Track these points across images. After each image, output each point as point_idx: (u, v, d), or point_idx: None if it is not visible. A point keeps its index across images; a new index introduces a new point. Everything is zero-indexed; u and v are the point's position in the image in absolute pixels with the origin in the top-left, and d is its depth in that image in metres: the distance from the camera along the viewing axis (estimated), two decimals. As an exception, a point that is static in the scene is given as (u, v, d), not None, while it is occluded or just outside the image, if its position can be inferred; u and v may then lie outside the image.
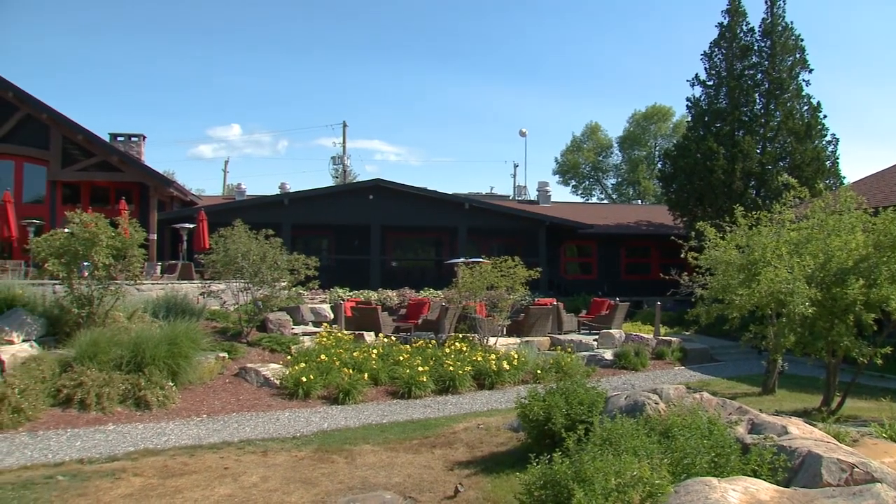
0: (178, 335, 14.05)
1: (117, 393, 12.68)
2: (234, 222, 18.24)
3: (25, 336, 14.57)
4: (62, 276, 15.21)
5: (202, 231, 25.39)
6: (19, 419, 11.54)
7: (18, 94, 28.72)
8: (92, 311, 15.28)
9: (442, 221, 32.03)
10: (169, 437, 11.35)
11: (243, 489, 8.75)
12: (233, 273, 17.63)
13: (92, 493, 8.59)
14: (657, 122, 65.83)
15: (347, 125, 58.60)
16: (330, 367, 14.96)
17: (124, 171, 28.71)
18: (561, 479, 6.37)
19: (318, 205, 31.13)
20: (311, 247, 32.77)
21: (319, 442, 11.17)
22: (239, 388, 14.33)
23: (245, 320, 17.50)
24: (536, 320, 20.95)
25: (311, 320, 20.02)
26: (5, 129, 29.18)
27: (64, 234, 15.45)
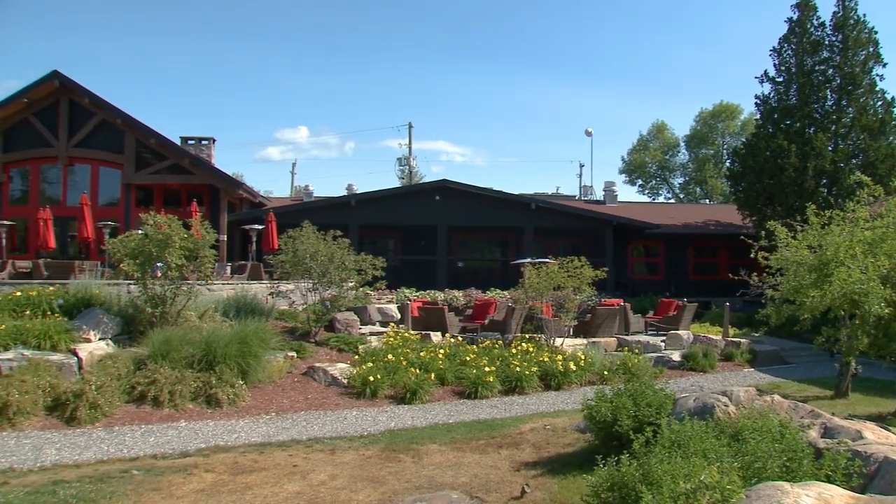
0: (248, 334, 14.27)
1: (189, 390, 12.96)
2: (303, 223, 18.44)
3: (102, 334, 14.95)
4: (137, 276, 15.56)
5: (271, 232, 25.74)
6: (96, 415, 11.87)
7: (94, 100, 29.50)
8: (165, 310, 15.60)
9: (508, 221, 31.99)
10: (239, 435, 11.55)
11: (311, 487, 8.86)
12: (301, 273, 17.84)
13: (165, 488, 8.79)
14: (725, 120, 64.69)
15: (413, 126, 58.91)
16: (397, 366, 15.05)
17: (195, 173, 29.25)
18: (628, 482, 6.33)
19: (384, 206, 31.33)
20: (377, 247, 32.99)
21: (386, 441, 11.26)
22: (307, 387, 14.50)
23: (313, 320, 17.69)
24: (603, 321, 20.81)
25: (378, 320, 20.16)
26: (82, 133, 30.02)
27: (138, 236, 15.80)
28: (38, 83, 29.68)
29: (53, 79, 29.56)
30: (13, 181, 31.50)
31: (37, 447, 10.56)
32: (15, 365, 12.69)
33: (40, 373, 12.46)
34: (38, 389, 11.99)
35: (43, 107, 30.34)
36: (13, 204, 31.10)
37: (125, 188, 30.35)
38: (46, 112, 30.40)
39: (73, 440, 10.98)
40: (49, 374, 12.58)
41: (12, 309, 15.73)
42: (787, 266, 13.91)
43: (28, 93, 29.68)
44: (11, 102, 29.83)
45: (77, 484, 8.90)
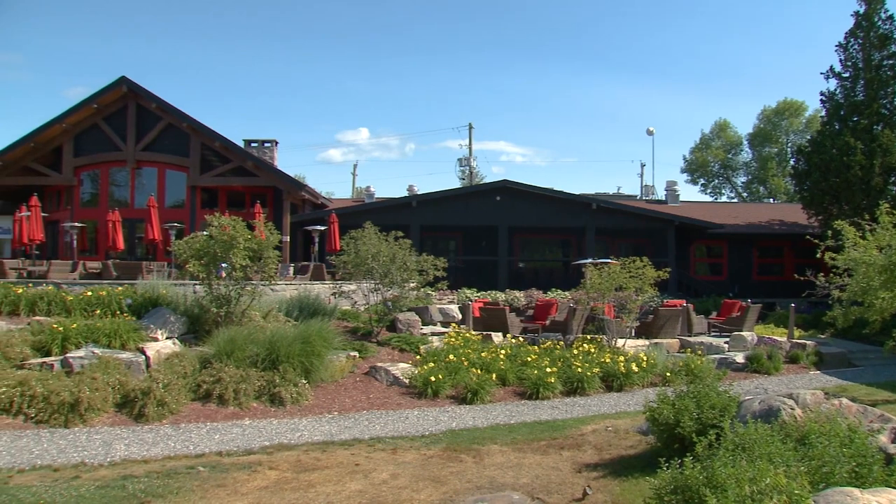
0: (311, 334, 14.42)
1: (253, 389, 13.14)
2: (364, 224, 18.55)
3: (168, 333, 15.25)
4: (202, 276, 15.83)
5: (333, 233, 25.96)
6: (163, 412, 12.11)
7: (161, 105, 30.08)
8: (229, 310, 15.84)
9: (569, 222, 31.83)
10: (302, 433, 11.68)
11: (373, 485, 8.93)
12: (363, 274, 17.95)
13: (230, 485, 8.94)
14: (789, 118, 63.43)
15: (473, 127, 58.84)
16: (458, 367, 15.07)
17: (259, 175, 29.62)
18: (692, 485, 6.25)
19: (445, 206, 31.40)
20: (438, 248, 33.08)
21: (448, 441, 11.28)
22: (369, 387, 14.60)
23: (375, 320, 17.80)
24: (665, 322, 20.59)
25: (439, 320, 20.20)
26: (149, 137, 30.65)
27: (203, 237, 16.07)
28: (107, 89, 30.40)
29: (121, 84, 30.23)
30: (83, 184, 32.28)
31: (107, 443, 10.82)
32: (86, 363, 13.04)
33: (110, 370, 12.79)
34: (107, 387, 12.30)
35: (112, 112, 31.07)
36: (84, 206, 31.87)
37: (190, 190, 30.90)
38: (115, 117, 31.11)
39: (142, 436, 11.21)
40: (118, 371, 12.91)
41: (83, 308, 16.17)
42: (855, 267, 13.61)
43: (97, 98, 30.42)
44: (82, 108, 30.62)
45: (145, 479, 9.10)
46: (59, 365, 13.16)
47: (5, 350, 13.39)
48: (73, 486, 8.79)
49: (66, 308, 16.35)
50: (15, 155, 30.92)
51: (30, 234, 24.26)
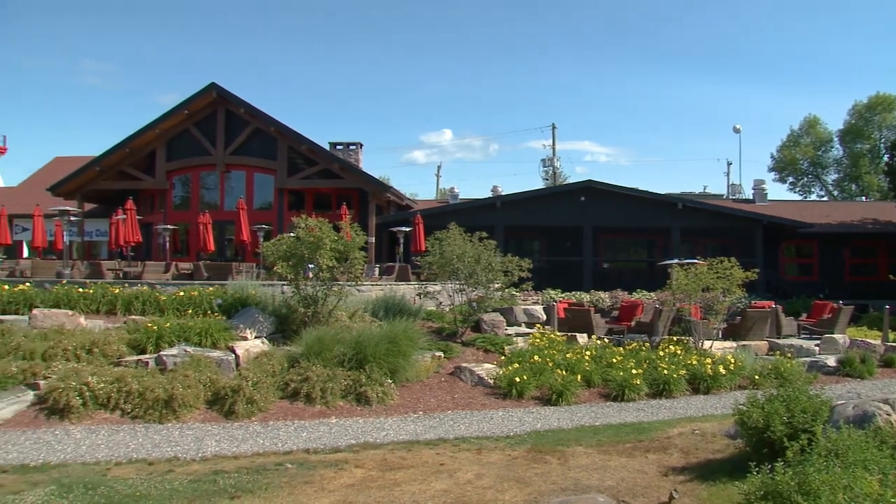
0: (397, 334, 14.52)
1: (340, 388, 13.30)
2: (449, 225, 18.60)
3: (257, 333, 15.57)
4: (290, 277, 16.11)
5: (418, 234, 26.12)
6: (252, 409, 12.37)
7: (249, 110, 30.71)
8: (316, 310, 16.07)
9: (654, 222, 31.46)
10: (387, 432, 11.77)
11: (458, 485, 8.95)
12: (448, 274, 18.01)
13: (317, 482, 9.07)
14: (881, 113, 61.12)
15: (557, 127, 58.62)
16: (543, 367, 15.01)
17: (344, 177, 29.97)
18: (783, 491, 6.12)
19: (529, 207, 31.34)
20: (523, 248, 32.98)
21: (532, 442, 11.25)
22: (454, 387, 14.64)
23: (460, 321, 17.85)
24: (754, 324, 20.15)
25: (523, 321, 20.15)
26: (238, 141, 31.31)
27: (291, 239, 16.34)
28: (197, 95, 31.17)
29: (211, 91, 30.97)
30: (175, 188, 33.16)
31: (198, 438, 11.10)
32: (179, 360, 13.42)
33: (201, 368, 13.14)
34: (199, 384, 12.64)
35: (202, 117, 31.88)
36: (176, 209, 32.74)
37: (278, 193, 31.45)
38: (205, 122, 31.91)
39: (231, 433, 11.47)
40: (209, 369, 13.26)
41: (176, 308, 16.63)
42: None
43: (188, 105, 31.22)
44: (174, 114, 31.48)
45: (235, 474, 9.31)
46: (153, 362, 13.60)
47: (103, 348, 13.89)
48: (166, 480, 9.06)
49: (160, 308, 16.84)
50: (111, 160, 31.97)
51: (126, 236, 25.00)
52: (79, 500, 8.29)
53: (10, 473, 9.40)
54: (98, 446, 10.63)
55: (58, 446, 10.61)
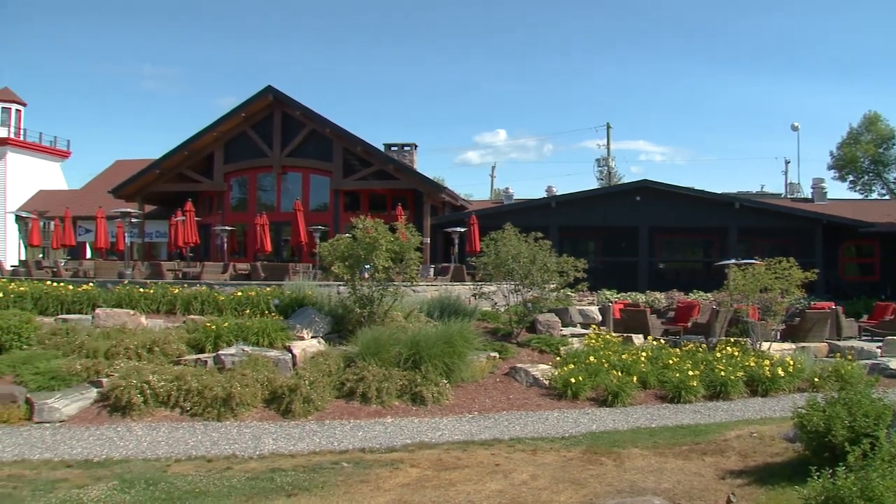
0: (453, 334, 14.53)
1: (395, 388, 13.35)
2: (504, 225, 18.56)
3: (314, 333, 15.71)
4: (346, 277, 16.23)
5: (473, 234, 26.13)
6: (308, 408, 12.49)
7: (305, 112, 31.06)
8: (372, 310, 16.16)
9: (711, 221, 31.11)
10: (443, 432, 11.80)
11: (513, 486, 8.95)
12: (503, 275, 17.97)
13: (373, 481, 9.14)
14: (946, 107, 59.69)
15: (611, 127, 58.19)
16: (598, 368, 14.91)
17: (399, 178, 30.14)
18: (845, 497, 6.01)
19: (584, 207, 31.24)
20: (577, 249, 32.80)
21: (588, 443, 11.19)
22: (509, 387, 14.61)
23: (515, 321, 17.81)
24: (813, 325, 19.80)
25: (579, 322, 20.04)
26: (294, 143, 31.68)
27: (347, 240, 16.44)
28: (254, 98, 31.62)
29: (268, 93, 31.39)
30: (233, 190, 33.70)
31: (256, 436, 11.25)
32: (237, 360, 13.61)
33: (259, 367, 13.31)
34: (256, 383, 12.80)
35: (258, 120, 32.34)
36: (233, 211, 33.27)
37: (334, 194, 31.75)
38: (262, 124, 32.36)
39: (288, 431, 11.60)
40: (266, 368, 13.42)
41: (234, 308, 16.86)
42: None
43: (245, 108, 31.68)
44: (231, 117, 31.99)
45: (292, 473, 9.43)
46: (211, 361, 13.82)
47: (163, 347, 14.15)
48: (225, 477, 9.20)
49: (218, 307, 17.09)
50: (171, 163, 32.57)
51: (185, 237, 25.42)
52: (140, 496, 8.47)
53: (75, 468, 9.66)
54: (158, 443, 10.84)
55: (120, 442, 10.85)
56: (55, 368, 12.99)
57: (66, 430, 11.40)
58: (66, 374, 12.82)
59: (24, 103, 51.37)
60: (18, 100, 51.03)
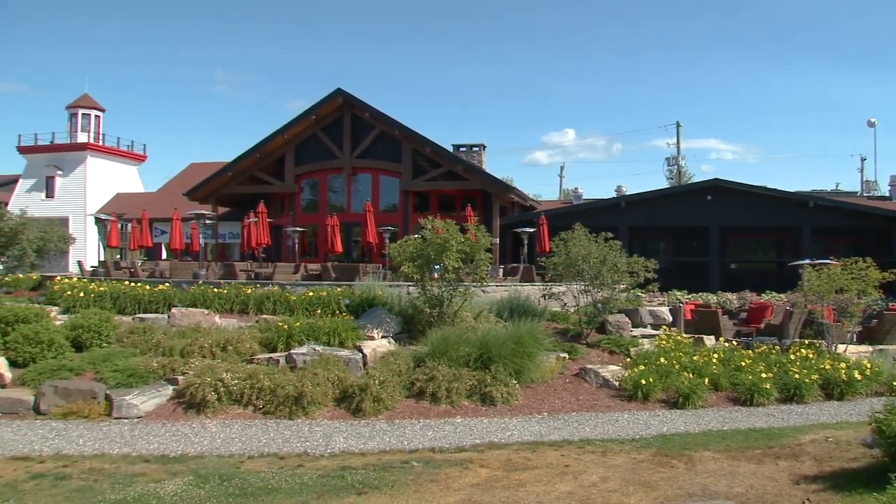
0: (522, 335, 14.50)
1: (465, 388, 13.36)
2: (574, 226, 18.45)
3: (384, 333, 15.84)
4: (416, 278, 16.33)
5: (542, 234, 26.05)
6: (378, 408, 12.58)
7: (374, 114, 31.31)
8: (442, 310, 16.22)
9: (784, 221, 30.46)
10: (512, 433, 11.78)
11: (583, 487, 8.91)
12: (573, 275, 17.86)
13: (442, 480, 9.18)
14: None
15: (681, 125, 57.39)
16: (669, 370, 14.75)
17: (468, 179, 30.18)
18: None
19: (654, 207, 30.90)
20: (647, 249, 32.44)
21: (658, 445, 11.08)
22: (578, 388, 14.53)
23: (584, 322, 17.70)
24: (892, 327, 19.23)
25: (649, 323, 19.82)
26: (363, 145, 31.96)
27: (416, 240, 16.54)
28: (324, 101, 32.01)
29: (337, 96, 31.74)
30: (304, 191, 34.14)
31: (327, 435, 11.38)
32: (308, 359, 13.80)
33: (329, 367, 13.48)
34: (327, 382, 12.95)
35: (328, 122, 32.72)
36: (304, 212, 33.68)
37: (403, 195, 31.95)
38: (331, 127, 32.72)
39: (359, 430, 11.71)
40: (337, 368, 13.58)
41: (305, 308, 17.11)
42: None
43: (315, 110, 32.09)
44: (301, 120, 32.44)
45: (362, 471, 9.52)
46: (283, 360, 14.03)
47: (236, 346, 14.43)
48: (296, 474, 9.34)
49: (290, 307, 17.36)
50: (243, 166, 33.13)
51: (257, 238, 25.83)
52: (215, 491, 8.65)
53: (152, 463, 9.91)
54: (232, 440, 11.05)
55: (195, 439, 11.09)
56: (133, 366, 13.36)
57: (144, 426, 11.70)
58: (143, 372, 13.18)
59: (103, 109, 52.79)
60: (97, 106, 52.45)
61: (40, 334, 14.43)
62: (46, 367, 13.51)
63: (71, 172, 49.86)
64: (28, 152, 51.22)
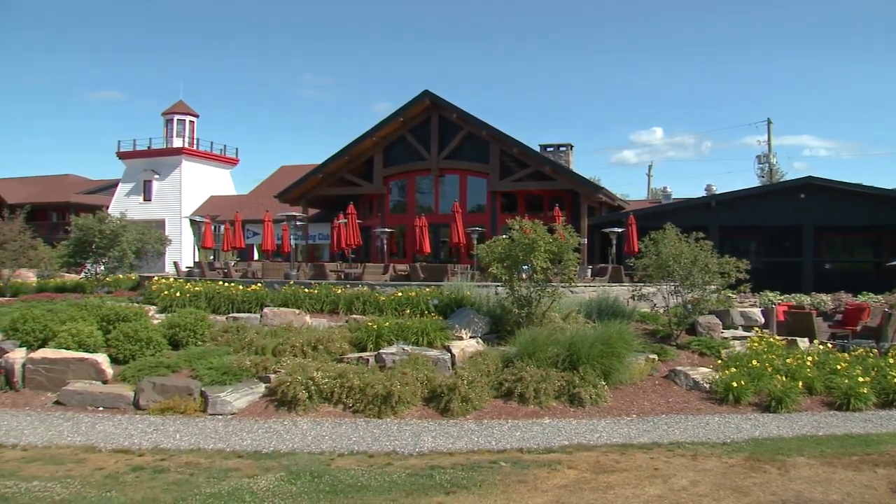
0: (611, 336, 14.36)
1: (553, 389, 13.29)
2: (665, 225, 18.24)
3: (472, 333, 15.89)
4: (504, 278, 16.33)
5: (631, 235, 25.84)
6: (467, 408, 12.60)
7: (461, 115, 31.47)
8: (530, 311, 16.20)
9: (881, 219, 29.53)
10: (600, 434, 11.68)
11: (673, 491, 8.80)
12: (663, 276, 17.67)
13: (531, 481, 9.17)
14: None
15: (772, 122, 56.14)
16: (761, 373, 14.44)
17: (556, 179, 30.11)
18: None
19: (745, 206, 30.34)
20: (738, 249, 31.76)
21: (750, 450, 10.85)
22: (668, 391, 14.35)
23: (674, 323, 17.48)
24: None
25: (740, 324, 19.46)
26: (451, 146, 32.14)
27: (504, 241, 16.55)
28: (412, 103, 32.31)
29: (424, 98, 32.01)
30: (392, 192, 34.48)
31: (415, 434, 11.46)
32: (397, 359, 13.94)
33: (418, 366, 13.57)
34: (416, 381, 13.03)
35: (415, 124, 33.04)
36: (392, 213, 34.02)
37: (490, 195, 32.04)
38: (419, 129, 33.03)
39: (447, 430, 11.76)
40: (426, 367, 13.67)
41: (394, 308, 17.30)
42: None
43: (403, 112, 32.42)
44: (389, 123, 32.83)
45: (451, 470, 9.56)
46: (373, 360, 14.19)
47: (327, 345, 14.67)
48: (385, 473, 9.44)
49: (379, 307, 17.56)
50: (332, 168, 33.67)
51: (347, 239, 26.18)
52: (306, 487, 8.81)
53: (245, 458, 10.14)
54: (322, 437, 11.22)
55: (286, 436, 11.30)
56: (227, 364, 13.70)
57: (237, 423, 11.99)
58: (236, 370, 13.50)
59: (197, 114, 54.27)
60: (191, 112, 53.96)
61: (139, 332, 14.93)
62: (145, 364, 13.96)
63: (167, 176, 51.42)
64: (126, 157, 53.05)
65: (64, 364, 13.83)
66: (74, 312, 16.15)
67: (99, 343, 14.89)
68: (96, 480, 9.13)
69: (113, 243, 27.25)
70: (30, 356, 14.12)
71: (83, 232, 27.38)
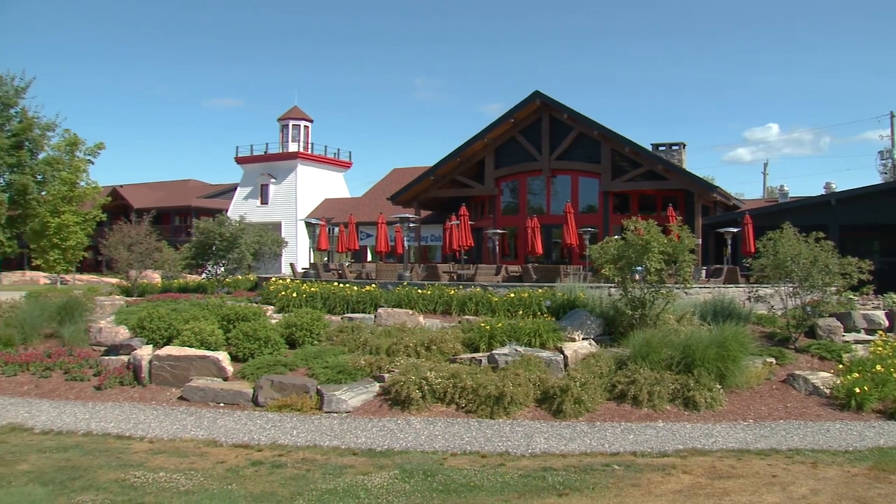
0: (727, 338, 14.08)
1: (667, 392, 13.14)
2: (783, 225, 17.78)
3: (585, 334, 15.83)
4: (617, 280, 16.19)
5: (747, 235, 25.26)
6: (579, 409, 12.56)
7: (572, 115, 31.33)
8: (644, 313, 16.01)
9: None
10: (716, 439, 11.48)
11: (792, 500, 8.59)
12: (781, 277, 17.23)
13: (644, 485, 9.10)
14: None
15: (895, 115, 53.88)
16: (886, 378, 13.90)
17: (669, 178, 29.66)
18: None
19: (867, 204, 29.21)
20: (860, 249, 30.59)
21: (874, 459, 10.46)
22: (786, 395, 13.99)
23: (793, 325, 17.03)
24: None
25: (863, 327, 18.79)
26: (562, 147, 32.06)
27: (617, 241, 16.42)
28: (522, 104, 32.33)
29: (535, 99, 31.98)
30: (503, 194, 34.53)
31: (528, 435, 11.50)
32: (509, 359, 13.99)
33: (530, 367, 13.60)
34: (528, 383, 13.07)
35: (526, 125, 33.03)
36: (504, 214, 34.09)
37: (602, 196, 31.79)
38: (530, 129, 33.01)
39: (559, 431, 11.75)
40: (538, 369, 13.68)
41: (507, 309, 17.37)
42: None
43: (514, 113, 32.46)
44: (500, 124, 32.93)
45: (563, 472, 9.56)
46: (485, 360, 14.26)
47: (440, 345, 14.86)
48: (498, 473, 9.51)
49: (492, 308, 17.65)
50: (444, 170, 33.96)
51: (459, 240, 26.35)
52: (419, 485, 8.96)
53: (360, 456, 10.39)
54: (435, 437, 11.38)
55: (400, 434, 11.51)
56: (342, 363, 14.05)
57: (352, 421, 12.26)
58: (351, 369, 13.84)
59: (311, 119, 55.58)
60: (306, 117, 55.27)
61: (258, 331, 15.42)
62: (263, 363, 14.44)
63: (283, 180, 52.84)
64: (244, 162, 54.75)
65: (187, 361, 14.45)
66: (197, 312, 16.81)
67: (220, 341, 15.46)
68: (218, 473, 9.52)
69: (232, 245, 28.12)
70: (156, 353, 14.82)
71: (204, 235, 28.38)
